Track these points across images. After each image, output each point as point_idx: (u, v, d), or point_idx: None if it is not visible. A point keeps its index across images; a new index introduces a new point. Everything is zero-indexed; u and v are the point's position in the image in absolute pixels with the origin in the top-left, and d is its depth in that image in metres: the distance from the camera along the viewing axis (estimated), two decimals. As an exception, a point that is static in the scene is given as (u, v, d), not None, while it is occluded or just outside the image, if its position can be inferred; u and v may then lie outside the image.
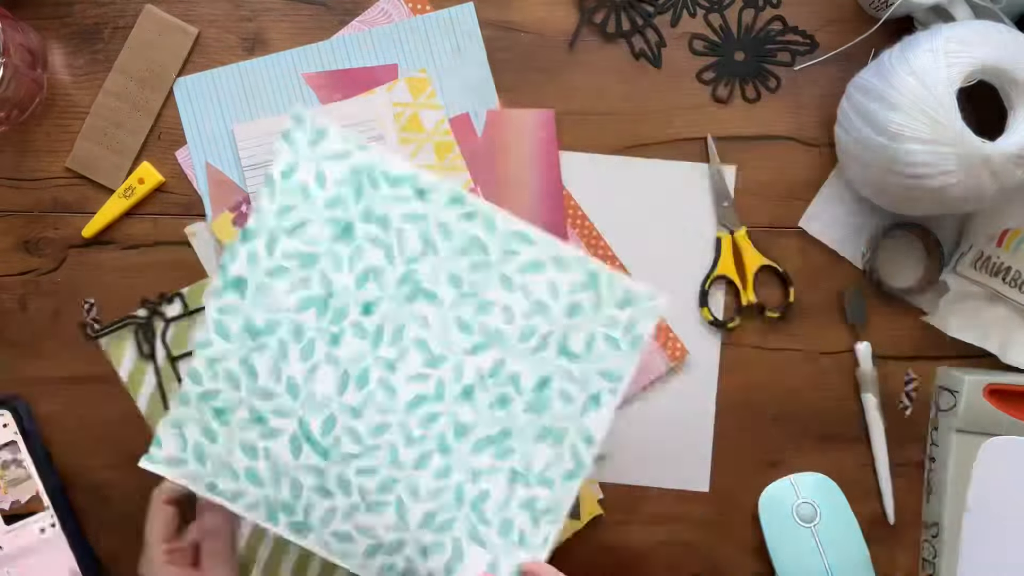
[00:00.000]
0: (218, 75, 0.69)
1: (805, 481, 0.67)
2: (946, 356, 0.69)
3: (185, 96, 0.69)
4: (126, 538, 0.69)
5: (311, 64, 0.69)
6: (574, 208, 0.69)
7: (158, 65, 0.68)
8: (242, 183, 0.68)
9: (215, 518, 0.56)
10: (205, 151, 0.69)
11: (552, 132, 0.68)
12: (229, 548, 0.56)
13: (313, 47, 0.69)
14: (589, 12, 0.69)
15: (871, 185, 0.62)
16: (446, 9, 0.69)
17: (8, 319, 0.69)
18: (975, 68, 0.57)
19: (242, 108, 0.69)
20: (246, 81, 0.69)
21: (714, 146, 0.69)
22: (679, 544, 0.69)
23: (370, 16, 0.69)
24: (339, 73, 0.68)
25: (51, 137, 0.69)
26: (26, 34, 0.66)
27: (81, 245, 0.69)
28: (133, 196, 0.68)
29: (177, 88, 0.69)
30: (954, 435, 0.66)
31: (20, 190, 0.69)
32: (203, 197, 0.69)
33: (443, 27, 0.69)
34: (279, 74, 0.69)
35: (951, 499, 0.66)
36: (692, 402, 0.69)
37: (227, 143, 0.68)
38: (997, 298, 0.68)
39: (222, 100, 0.69)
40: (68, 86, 0.69)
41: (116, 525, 0.69)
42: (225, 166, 0.69)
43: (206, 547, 0.56)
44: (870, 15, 0.68)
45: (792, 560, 0.66)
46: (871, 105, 0.60)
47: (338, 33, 0.69)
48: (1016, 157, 0.57)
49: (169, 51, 0.68)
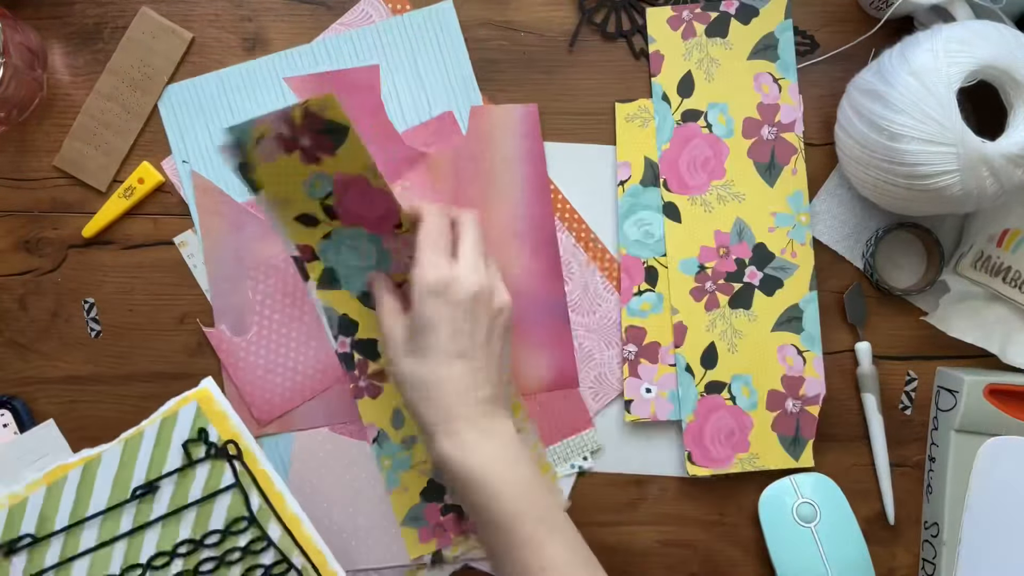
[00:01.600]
0: (200, 83, 0.68)
1: (805, 481, 0.67)
2: (946, 356, 0.69)
3: (168, 106, 0.68)
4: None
5: (293, 68, 0.68)
6: (562, 202, 0.69)
7: (150, 68, 0.68)
8: (229, 189, 0.68)
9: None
10: (191, 159, 0.68)
11: (536, 126, 0.68)
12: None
13: (295, 51, 0.68)
14: (589, 12, 0.69)
15: (871, 185, 0.62)
16: (426, 8, 0.69)
17: (8, 319, 0.69)
18: (975, 68, 0.57)
19: (226, 115, 0.68)
20: (228, 88, 0.68)
21: (714, 146, 0.69)
22: (679, 544, 0.69)
23: (350, 19, 0.69)
24: (321, 76, 0.68)
25: (51, 137, 0.69)
26: (26, 34, 0.66)
27: (81, 245, 0.69)
28: (133, 196, 0.68)
29: (161, 99, 0.68)
30: (954, 435, 0.66)
31: (20, 190, 0.69)
32: (190, 204, 0.68)
33: (423, 26, 0.68)
34: (262, 80, 0.68)
35: (951, 499, 0.66)
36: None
37: (213, 151, 0.68)
38: (997, 298, 0.68)
39: (205, 108, 0.68)
40: (68, 86, 0.69)
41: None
42: (212, 174, 0.68)
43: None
44: (870, 15, 0.68)
45: (792, 560, 0.66)
46: (871, 105, 0.60)
47: (319, 36, 0.69)
48: (1016, 157, 0.57)
49: (162, 54, 0.68)
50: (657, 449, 0.69)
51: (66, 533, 0.59)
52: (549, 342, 0.68)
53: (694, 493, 0.69)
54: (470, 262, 0.57)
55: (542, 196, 0.68)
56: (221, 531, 0.61)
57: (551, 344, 0.68)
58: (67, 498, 0.60)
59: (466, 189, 0.68)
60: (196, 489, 0.61)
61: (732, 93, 0.68)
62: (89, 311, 0.69)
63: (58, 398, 0.69)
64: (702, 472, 0.67)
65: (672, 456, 0.69)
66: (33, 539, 0.59)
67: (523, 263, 0.68)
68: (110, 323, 0.69)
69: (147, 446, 0.61)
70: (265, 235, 0.68)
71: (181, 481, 0.61)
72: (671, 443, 0.69)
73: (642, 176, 0.68)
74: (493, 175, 0.68)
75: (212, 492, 0.61)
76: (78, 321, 0.69)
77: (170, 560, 0.60)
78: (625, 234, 0.68)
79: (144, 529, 0.60)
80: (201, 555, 0.61)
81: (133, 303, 0.69)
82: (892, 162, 0.59)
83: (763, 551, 0.68)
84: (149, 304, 0.69)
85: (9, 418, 0.67)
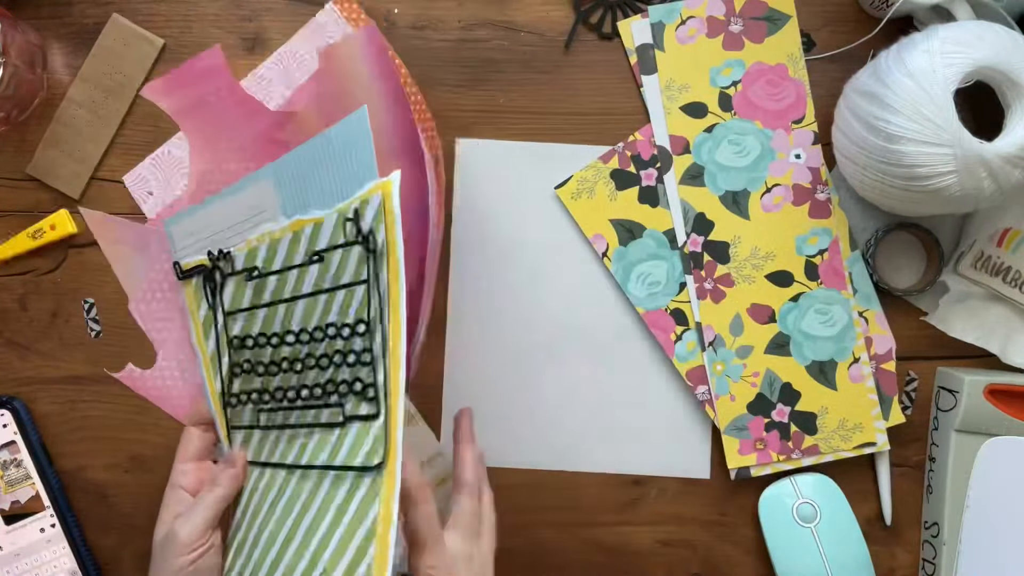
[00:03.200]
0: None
1: (805, 481, 0.67)
2: (946, 356, 0.69)
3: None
4: (126, 538, 0.70)
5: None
6: (421, 111, 0.66)
7: (122, 74, 0.68)
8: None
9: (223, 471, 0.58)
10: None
11: (382, 43, 0.64)
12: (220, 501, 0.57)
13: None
14: (584, 13, 0.69)
15: (869, 186, 0.62)
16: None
17: (8, 319, 0.69)
18: (972, 69, 0.57)
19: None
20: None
21: (714, 146, 0.69)
22: (679, 544, 0.69)
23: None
24: (167, 78, 0.63)
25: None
26: (26, 34, 0.66)
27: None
28: (41, 239, 0.68)
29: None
30: (954, 435, 0.66)
31: (20, 190, 0.69)
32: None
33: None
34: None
35: (951, 499, 0.66)
36: (692, 397, 0.69)
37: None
38: (997, 298, 0.68)
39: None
40: (68, 86, 0.69)
41: (116, 525, 0.69)
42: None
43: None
44: (871, 15, 0.68)
45: (792, 560, 0.66)
46: (868, 107, 0.60)
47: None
48: (1014, 157, 0.57)
49: (134, 61, 0.68)
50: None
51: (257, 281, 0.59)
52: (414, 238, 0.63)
53: (694, 493, 0.69)
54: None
55: (403, 107, 0.67)
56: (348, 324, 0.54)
57: (413, 242, 0.62)
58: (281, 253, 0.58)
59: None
60: (330, 275, 0.56)
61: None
62: (89, 311, 0.69)
63: (58, 398, 0.69)
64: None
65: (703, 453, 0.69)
66: (260, 273, 0.59)
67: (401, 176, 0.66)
68: (110, 323, 0.69)
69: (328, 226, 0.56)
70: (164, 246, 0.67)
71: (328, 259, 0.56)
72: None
73: (618, 238, 0.69)
74: (358, 105, 0.66)
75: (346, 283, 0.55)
76: (78, 321, 0.69)
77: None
78: (633, 295, 0.68)
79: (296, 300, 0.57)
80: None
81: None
82: (889, 163, 0.59)
83: (763, 551, 0.68)
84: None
85: (9, 418, 0.67)
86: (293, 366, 0.57)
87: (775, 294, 0.68)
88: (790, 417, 0.67)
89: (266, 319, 0.59)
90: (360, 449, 0.52)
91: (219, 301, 0.62)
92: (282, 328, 0.58)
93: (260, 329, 0.59)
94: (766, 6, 0.62)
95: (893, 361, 0.68)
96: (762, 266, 0.68)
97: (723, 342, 0.68)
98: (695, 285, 0.68)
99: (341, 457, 0.53)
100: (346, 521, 0.51)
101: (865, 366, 0.67)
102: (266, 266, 0.59)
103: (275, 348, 0.58)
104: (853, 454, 0.67)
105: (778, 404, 0.68)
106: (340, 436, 0.53)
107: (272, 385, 0.58)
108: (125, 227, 0.68)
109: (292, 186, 0.58)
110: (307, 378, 0.56)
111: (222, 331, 0.61)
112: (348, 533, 0.50)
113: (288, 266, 0.57)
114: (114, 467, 0.70)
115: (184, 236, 0.64)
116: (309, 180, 0.57)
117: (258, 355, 0.59)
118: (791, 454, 0.67)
